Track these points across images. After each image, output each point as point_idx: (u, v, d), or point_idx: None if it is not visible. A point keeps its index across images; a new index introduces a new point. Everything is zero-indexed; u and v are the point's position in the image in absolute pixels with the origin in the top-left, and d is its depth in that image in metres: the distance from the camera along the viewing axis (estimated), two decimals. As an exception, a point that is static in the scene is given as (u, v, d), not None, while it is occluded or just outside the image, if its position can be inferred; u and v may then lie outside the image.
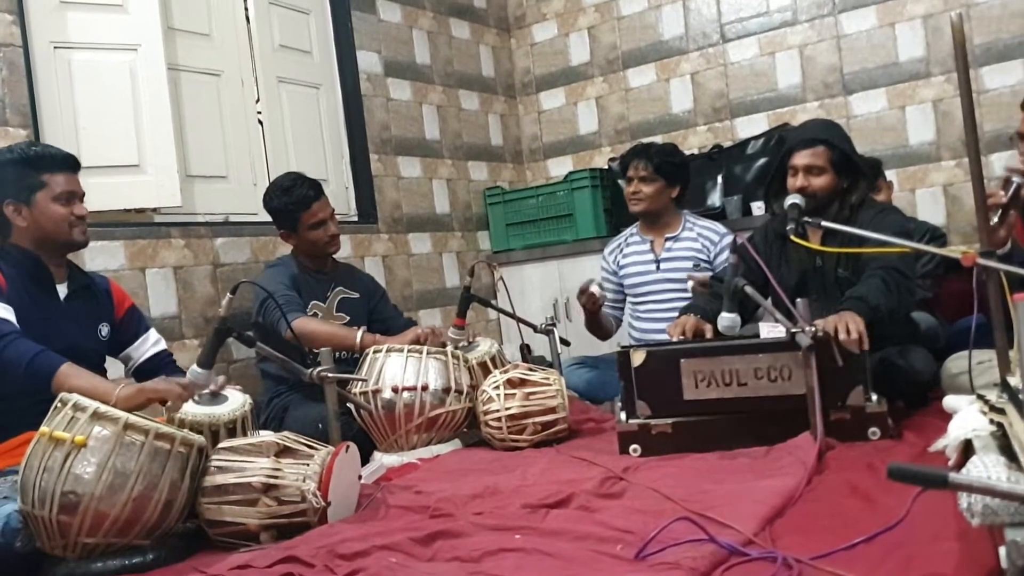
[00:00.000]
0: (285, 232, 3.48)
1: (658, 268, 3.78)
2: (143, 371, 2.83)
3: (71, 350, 2.46)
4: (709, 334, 2.93)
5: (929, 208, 4.39)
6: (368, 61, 4.61)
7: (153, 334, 2.92)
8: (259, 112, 4.11)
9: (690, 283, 3.55)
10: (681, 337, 2.93)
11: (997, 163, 4.20)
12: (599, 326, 3.81)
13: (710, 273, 3.55)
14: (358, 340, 3.22)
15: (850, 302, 2.71)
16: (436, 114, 5.01)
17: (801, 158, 3.01)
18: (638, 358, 2.74)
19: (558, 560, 1.79)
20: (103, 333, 2.75)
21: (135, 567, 2.08)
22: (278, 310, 3.02)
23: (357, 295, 3.59)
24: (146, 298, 3.43)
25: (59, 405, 2.12)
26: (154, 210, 3.62)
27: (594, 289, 3.59)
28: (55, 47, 3.37)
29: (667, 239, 3.79)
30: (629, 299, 3.91)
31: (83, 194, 2.67)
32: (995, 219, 2.41)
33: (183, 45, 3.80)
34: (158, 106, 3.57)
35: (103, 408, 2.10)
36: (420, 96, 4.91)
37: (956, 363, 2.94)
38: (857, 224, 2.83)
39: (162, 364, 2.86)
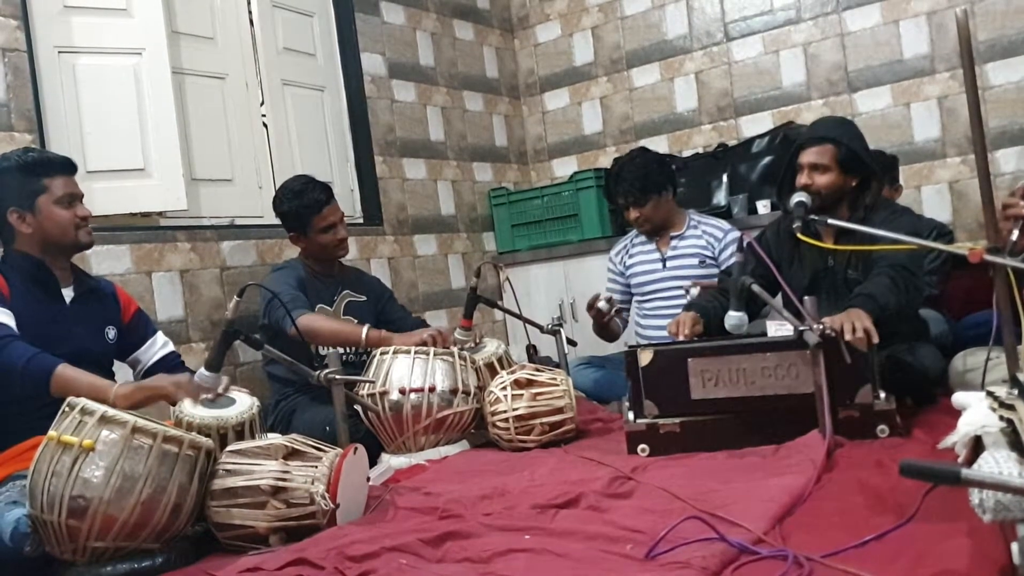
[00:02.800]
0: (295, 235, 3.47)
1: (664, 266, 3.78)
2: (151, 374, 2.82)
3: (78, 353, 2.47)
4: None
5: (935, 205, 4.38)
6: (372, 63, 4.61)
7: (160, 337, 2.92)
8: (263, 115, 4.11)
9: (694, 291, 3.52)
10: (685, 336, 2.93)
11: (1002, 159, 4.19)
12: (606, 331, 3.81)
13: (714, 280, 3.54)
14: (363, 337, 3.21)
15: (858, 300, 2.70)
16: (440, 115, 5.01)
17: (807, 155, 3.01)
18: (645, 357, 2.73)
19: (568, 560, 1.78)
20: (110, 336, 2.75)
21: (144, 571, 2.08)
22: (283, 308, 3.02)
23: (364, 299, 3.59)
24: (152, 302, 3.44)
25: (67, 409, 2.12)
26: (160, 214, 3.62)
27: (601, 305, 3.59)
28: (59, 51, 3.37)
29: (672, 238, 3.79)
30: (636, 298, 3.91)
31: (82, 195, 2.68)
32: (1016, 232, 2.32)
33: (187, 49, 3.81)
34: (163, 110, 3.58)
35: (111, 412, 2.10)
36: (424, 98, 4.91)
37: (964, 360, 2.93)
38: (870, 225, 2.82)
39: (171, 366, 2.86)
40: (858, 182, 3.04)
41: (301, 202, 3.39)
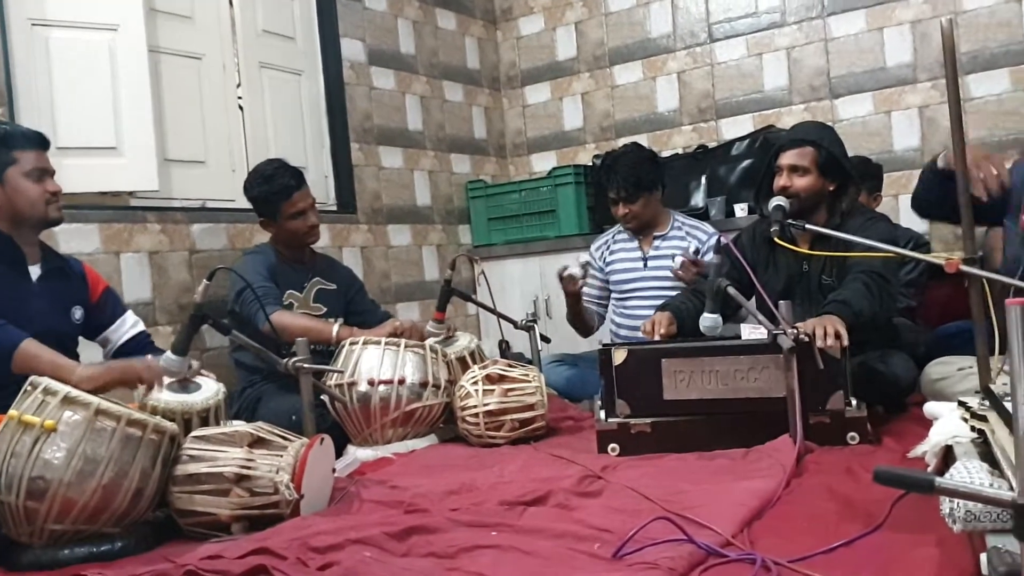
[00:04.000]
0: (265, 220, 3.43)
1: (645, 266, 3.77)
2: (122, 354, 2.80)
3: (42, 333, 2.44)
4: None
5: (912, 215, 4.37)
6: (352, 49, 4.56)
7: (130, 316, 2.89)
8: (240, 97, 4.06)
9: (678, 259, 3.49)
10: (659, 335, 2.92)
11: (980, 171, 4.21)
12: (580, 318, 3.78)
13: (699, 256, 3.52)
14: (334, 333, 3.20)
15: (833, 306, 2.71)
16: (419, 105, 4.97)
17: (787, 158, 3.02)
18: (619, 356, 2.72)
19: (535, 558, 1.77)
20: (76, 316, 2.71)
21: (103, 555, 2.04)
22: (256, 302, 2.99)
23: (334, 287, 3.56)
24: (120, 283, 3.38)
25: (29, 388, 2.09)
26: (130, 194, 3.56)
27: (573, 271, 3.55)
28: (32, 24, 3.30)
29: (655, 237, 3.78)
30: (614, 296, 3.89)
31: (53, 171, 2.64)
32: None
33: (164, 27, 3.75)
34: (137, 88, 3.51)
35: (74, 393, 2.06)
36: (404, 86, 4.87)
37: (936, 369, 2.96)
38: (846, 231, 2.82)
39: (141, 346, 2.83)
40: (835, 187, 3.04)
41: (270, 187, 3.36)
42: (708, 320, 2.75)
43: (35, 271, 2.62)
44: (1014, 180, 2.70)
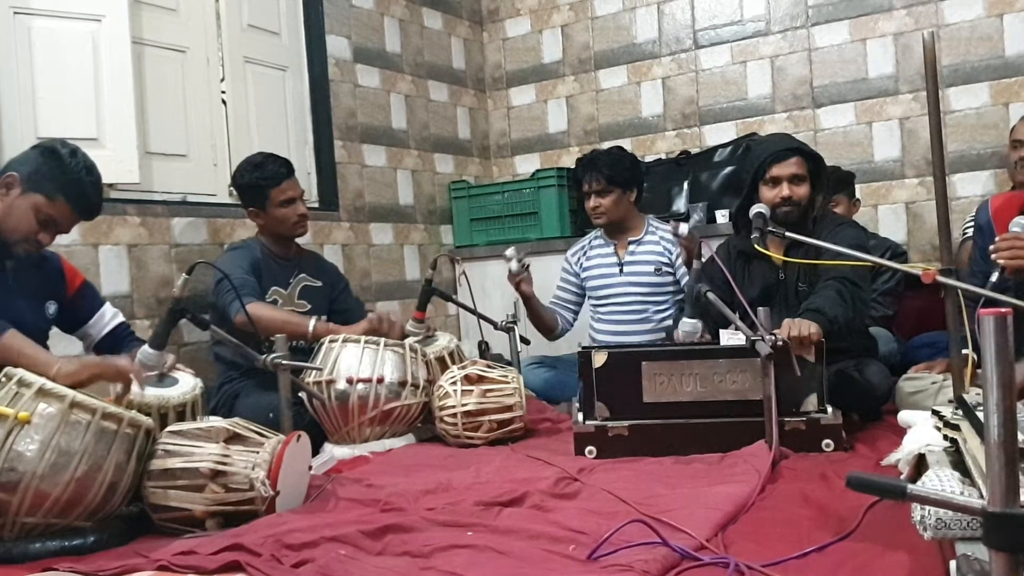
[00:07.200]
0: (254, 210, 3.42)
1: (621, 271, 3.78)
2: (103, 347, 2.80)
3: (14, 324, 2.41)
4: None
5: (891, 224, 4.43)
6: (337, 46, 4.55)
7: (109, 308, 2.87)
8: (223, 92, 4.04)
9: (683, 227, 3.37)
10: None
11: (959, 184, 4.25)
12: (537, 316, 3.79)
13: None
14: (310, 329, 3.18)
15: (808, 315, 2.72)
16: (404, 103, 4.96)
17: (785, 167, 3.00)
18: (600, 359, 2.73)
19: (510, 558, 1.77)
20: (50, 311, 2.69)
21: (75, 549, 2.02)
22: (232, 291, 2.96)
23: (320, 284, 3.55)
24: (98, 275, 3.36)
25: (3, 380, 2.07)
26: (110, 186, 3.53)
27: (511, 266, 3.57)
28: (15, 12, 3.28)
29: (630, 242, 3.79)
30: (591, 301, 3.91)
31: (63, 228, 2.57)
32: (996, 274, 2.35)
33: (149, 19, 3.72)
34: (120, 80, 3.49)
35: (49, 385, 2.05)
36: (389, 84, 4.86)
37: (910, 383, 2.99)
38: (817, 238, 2.85)
39: (121, 337, 2.81)
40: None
41: (261, 174, 3.36)
42: (687, 325, 2.78)
43: (11, 264, 2.59)
44: (980, 219, 2.75)
